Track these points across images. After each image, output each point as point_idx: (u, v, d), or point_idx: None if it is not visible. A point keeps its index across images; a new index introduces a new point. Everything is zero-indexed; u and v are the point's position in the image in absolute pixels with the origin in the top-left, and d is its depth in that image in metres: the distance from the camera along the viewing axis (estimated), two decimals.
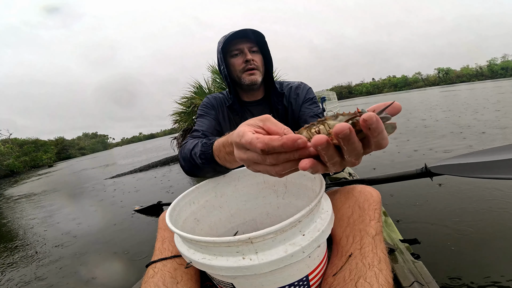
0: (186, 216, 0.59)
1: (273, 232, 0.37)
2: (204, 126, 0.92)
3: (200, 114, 0.98)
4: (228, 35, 0.88)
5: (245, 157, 0.35)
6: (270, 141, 0.30)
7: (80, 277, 1.85)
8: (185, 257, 0.44)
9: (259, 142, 0.31)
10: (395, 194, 2.12)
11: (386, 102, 0.32)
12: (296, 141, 0.29)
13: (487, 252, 1.25)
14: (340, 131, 0.26)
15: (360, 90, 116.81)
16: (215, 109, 0.99)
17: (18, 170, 33.51)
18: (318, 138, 0.27)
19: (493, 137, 3.48)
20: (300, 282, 0.47)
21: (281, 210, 0.71)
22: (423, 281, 0.60)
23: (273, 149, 0.31)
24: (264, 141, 0.31)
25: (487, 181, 1.99)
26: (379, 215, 0.62)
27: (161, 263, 0.61)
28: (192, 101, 5.76)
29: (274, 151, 0.31)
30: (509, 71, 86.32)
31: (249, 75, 0.91)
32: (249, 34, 0.89)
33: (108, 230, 2.76)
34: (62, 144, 77.47)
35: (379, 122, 0.27)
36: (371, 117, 0.26)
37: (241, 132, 0.35)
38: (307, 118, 0.89)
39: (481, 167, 0.78)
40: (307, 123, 0.85)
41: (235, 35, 0.88)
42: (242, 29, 0.88)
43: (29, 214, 4.44)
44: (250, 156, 0.34)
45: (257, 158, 0.33)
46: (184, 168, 0.74)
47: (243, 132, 0.35)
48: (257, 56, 0.93)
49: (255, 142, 0.32)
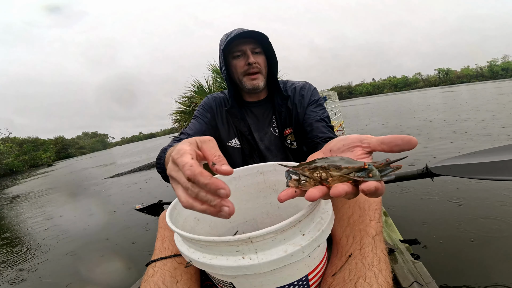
0: (187, 215, 0.59)
1: (273, 232, 0.37)
2: (193, 129, 0.91)
3: (195, 115, 0.97)
4: (232, 35, 0.84)
5: (174, 175, 0.35)
6: (199, 174, 0.31)
7: (79, 276, 1.85)
8: (185, 256, 0.44)
9: (188, 170, 0.32)
10: (396, 194, 2.12)
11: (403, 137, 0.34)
12: (219, 189, 0.30)
13: (487, 253, 1.25)
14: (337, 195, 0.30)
15: (360, 90, 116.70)
16: (212, 111, 0.97)
17: (17, 169, 33.49)
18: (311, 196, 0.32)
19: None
20: (299, 281, 0.47)
21: (282, 209, 0.71)
22: (423, 282, 0.60)
23: (197, 182, 0.32)
24: (194, 171, 0.32)
25: (488, 181, 1.98)
26: (379, 215, 0.62)
27: (161, 262, 0.61)
28: (193, 100, 5.75)
29: (197, 185, 0.32)
30: (509, 72, 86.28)
31: (251, 79, 0.88)
32: (252, 34, 0.86)
33: (107, 229, 2.76)
34: (62, 143, 77.41)
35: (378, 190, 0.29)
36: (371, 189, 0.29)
37: (182, 151, 0.35)
38: (312, 122, 0.86)
39: (482, 168, 0.78)
40: (313, 127, 0.85)
41: (238, 35, 0.84)
42: (245, 30, 0.85)
43: (26, 212, 4.44)
44: (176, 176, 0.35)
45: (182, 181, 0.34)
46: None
47: (183, 152, 0.35)
48: (260, 57, 0.90)
49: (186, 168, 0.32)
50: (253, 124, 0.96)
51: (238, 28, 0.88)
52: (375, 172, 0.31)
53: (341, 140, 0.41)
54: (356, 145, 0.39)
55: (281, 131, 0.94)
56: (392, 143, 0.35)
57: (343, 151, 0.40)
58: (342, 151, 0.40)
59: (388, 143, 0.35)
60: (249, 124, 0.96)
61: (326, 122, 0.88)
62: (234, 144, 0.95)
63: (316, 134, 0.83)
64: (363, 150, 0.38)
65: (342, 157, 0.36)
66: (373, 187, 0.29)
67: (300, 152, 0.94)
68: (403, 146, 0.34)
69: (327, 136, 0.82)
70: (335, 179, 0.32)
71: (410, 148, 0.34)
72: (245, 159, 0.95)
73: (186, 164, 0.33)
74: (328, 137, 0.82)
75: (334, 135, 0.83)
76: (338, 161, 0.34)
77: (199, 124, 0.93)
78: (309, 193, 0.32)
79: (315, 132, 0.84)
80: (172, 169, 0.36)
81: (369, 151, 0.38)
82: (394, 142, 0.34)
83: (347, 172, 0.32)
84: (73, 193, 6.11)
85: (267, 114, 0.97)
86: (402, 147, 0.34)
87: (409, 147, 0.33)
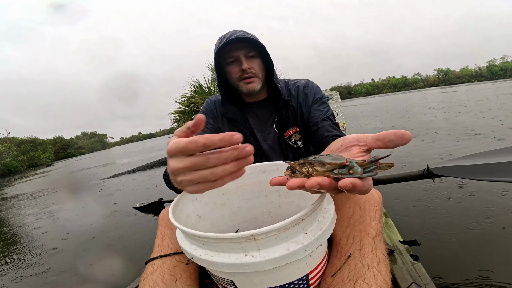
0: (189, 213, 0.59)
1: (276, 230, 0.37)
2: None
3: None
4: (223, 40, 0.82)
5: (183, 164, 0.33)
6: (210, 136, 0.31)
7: (78, 274, 1.85)
8: (187, 253, 0.45)
9: (201, 137, 0.31)
10: (397, 194, 2.12)
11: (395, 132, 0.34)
12: (233, 136, 0.31)
13: (487, 255, 1.24)
14: (310, 187, 0.31)
15: (360, 90, 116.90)
16: (213, 116, 0.96)
17: (16, 169, 33.40)
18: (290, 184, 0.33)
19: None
20: (300, 281, 0.47)
21: (283, 209, 0.71)
22: (421, 283, 0.60)
23: (214, 143, 0.31)
24: (205, 136, 0.31)
25: (489, 182, 1.99)
26: (379, 216, 0.62)
27: (161, 260, 0.61)
28: (192, 100, 5.74)
29: (215, 146, 0.32)
30: (508, 72, 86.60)
31: (247, 83, 0.87)
32: (245, 38, 0.82)
33: (107, 227, 2.76)
34: (61, 143, 77.23)
35: (356, 187, 0.30)
36: (346, 186, 0.29)
37: (176, 140, 0.33)
38: (318, 121, 0.85)
39: (483, 170, 0.78)
40: (318, 126, 0.84)
41: (230, 41, 0.81)
42: (236, 36, 0.82)
43: (23, 213, 4.42)
44: (188, 163, 0.33)
45: (198, 162, 0.32)
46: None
47: (178, 139, 0.33)
48: (255, 61, 0.87)
49: (196, 138, 0.31)
50: (255, 124, 0.96)
51: (231, 31, 0.86)
52: (356, 168, 0.31)
53: (340, 140, 0.42)
54: (353, 144, 0.40)
55: (282, 131, 0.93)
56: (385, 139, 0.35)
57: (342, 151, 0.41)
58: (340, 151, 0.41)
59: (382, 139, 0.35)
60: (251, 125, 0.95)
61: (332, 120, 0.86)
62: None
63: (322, 133, 0.82)
64: (360, 149, 0.39)
65: (336, 155, 0.36)
66: (349, 183, 0.29)
67: (306, 151, 0.93)
68: (396, 141, 0.34)
69: (333, 134, 0.81)
70: (319, 174, 0.33)
71: (404, 143, 0.34)
72: None
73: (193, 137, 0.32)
74: (334, 135, 0.80)
75: (340, 133, 0.82)
76: (325, 157, 0.35)
77: (202, 131, 0.92)
78: (289, 182, 0.34)
79: (321, 131, 0.83)
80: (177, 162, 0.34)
81: (366, 149, 0.38)
82: (387, 137, 0.34)
83: (330, 168, 0.33)
84: (73, 193, 6.10)
85: (269, 114, 0.96)
86: (396, 142, 0.34)
87: (403, 142, 0.33)
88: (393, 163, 0.34)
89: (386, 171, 0.34)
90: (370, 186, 0.32)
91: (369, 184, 0.32)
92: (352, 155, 0.38)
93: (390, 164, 0.33)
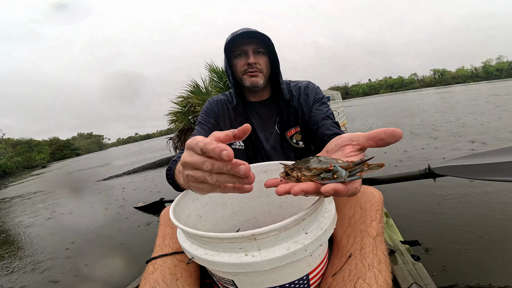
0: (189, 212, 0.59)
1: (277, 229, 0.37)
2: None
3: (199, 121, 0.96)
4: (237, 33, 0.85)
5: (189, 159, 0.36)
6: (208, 143, 0.33)
7: (79, 274, 1.84)
8: (187, 253, 0.44)
9: (200, 142, 0.34)
10: (398, 194, 2.12)
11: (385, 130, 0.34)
12: (221, 151, 0.32)
13: (488, 255, 1.24)
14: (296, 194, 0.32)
15: (357, 91, 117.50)
16: (215, 116, 0.96)
17: (10, 170, 33.06)
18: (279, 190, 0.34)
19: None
20: (300, 280, 0.47)
21: (284, 209, 0.71)
22: (422, 283, 0.60)
23: (208, 151, 0.33)
24: (204, 141, 0.34)
25: (489, 182, 1.99)
26: (380, 216, 0.62)
27: (161, 259, 0.61)
28: (189, 101, 5.71)
29: (208, 154, 0.33)
30: (504, 73, 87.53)
31: (250, 77, 0.89)
32: (255, 34, 0.86)
33: (108, 226, 2.75)
34: (57, 144, 76.64)
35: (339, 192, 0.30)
36: (328, 192, 0.30)
37: (196, 137, 0.36)
38: (318, 120, 0.87)
39: (484, 169, 0.78)
40: (319, 125, 0.86)
41: (241, 35, 0.85)
42: (249, 30, 0.85)
43: (21, 214, 4.38)
44: (192, 160, 0.36)
45: (198, 161, 0.35)
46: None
47: (198, 137, 0.36)
48: (262, 58, 0.90)
49: (199, 140, 0.34)
50: (257, 124, 0.96)
51: (243, 28, 0.88)
52: (340, 173, 0.32)
53: (335, 140, 0.43)
54: (346, 143, 0.40)
55: (283, 132, 0.94)
56: (376, 137, 0.35)
57: (336, 150, 0.41)
58: (335, 151, 0.41)
59: (372, 138, 0.35)
60: (254, 124, 0.95)
61: (332, 119, 0.88)
62: (238, 145, 0.95)
63: (323, 132, 0.83)
64: (353, 148, 0.39)
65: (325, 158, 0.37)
66: (330, 189, 0.30)
67: (307, 151, 0.94)
68: (387, 139, 0.34)
69: (334, 132, 0.82)
70: (306, 179, 0.34)
71: (395, 141, 0.33)
72: (249, 160, 0.95)
73: (200, 139, 0.35)
74: (334, 133, 0.82)
75: (340, 131, 0.83)
76: (312, 162, 0.35)
77: (204, 130, 0.93)
78: (278, 188, 0.34)
79: (321, 130, 0.84)
80: (187, 155, 0.37)
81: (359, 148, 0.39)
82: (378, 136, 0.34)
83: (316, 172, 0.33)
84: (72, 193, 6.05)
85: (272, 114, 0.96)
86: (386, 140, 0.34)
87: (393, 140, 0.33)
88: (383, 163, 0.34)
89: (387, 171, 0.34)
90: (356, 189, 0.32)
91: (355, 187, 0.32)
92: (345, 155, 0.39)
93: (380, 164, 0.33)
